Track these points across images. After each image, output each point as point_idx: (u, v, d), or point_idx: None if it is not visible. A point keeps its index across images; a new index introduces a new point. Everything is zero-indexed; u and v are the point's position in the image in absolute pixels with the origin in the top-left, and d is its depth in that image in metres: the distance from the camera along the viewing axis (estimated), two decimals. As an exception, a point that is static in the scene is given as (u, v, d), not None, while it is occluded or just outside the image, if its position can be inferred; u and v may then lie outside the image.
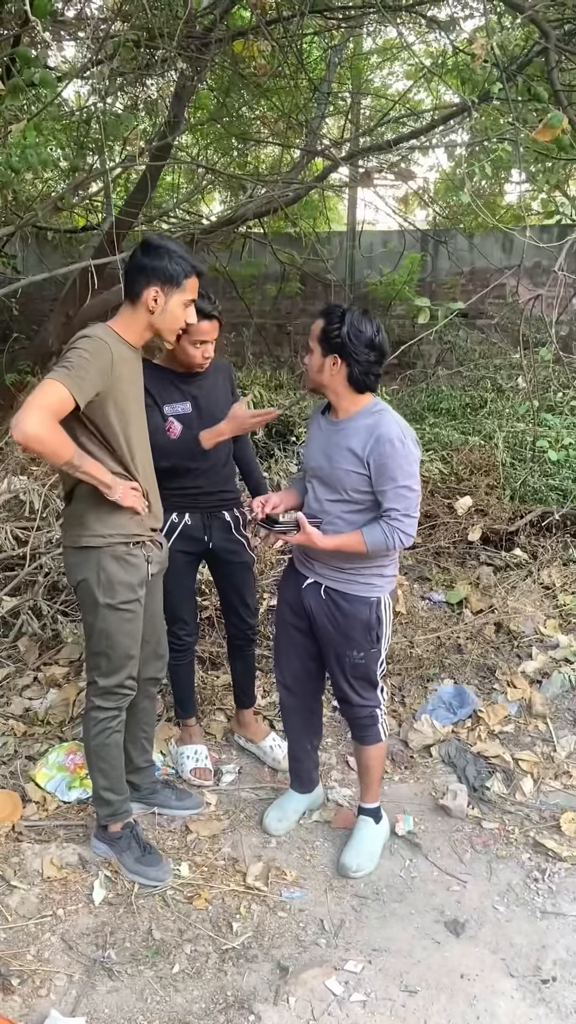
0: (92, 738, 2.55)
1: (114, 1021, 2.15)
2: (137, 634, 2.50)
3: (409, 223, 7.78)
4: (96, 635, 2.45)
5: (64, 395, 2.14)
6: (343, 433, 2.47)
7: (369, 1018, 2.20)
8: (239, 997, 2.24)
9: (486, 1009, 2.24)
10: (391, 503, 2.41)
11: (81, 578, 2.42)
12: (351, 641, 2.57)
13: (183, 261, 2.30)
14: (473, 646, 3.89)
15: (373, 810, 2.82)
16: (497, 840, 2.91)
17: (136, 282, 2.29)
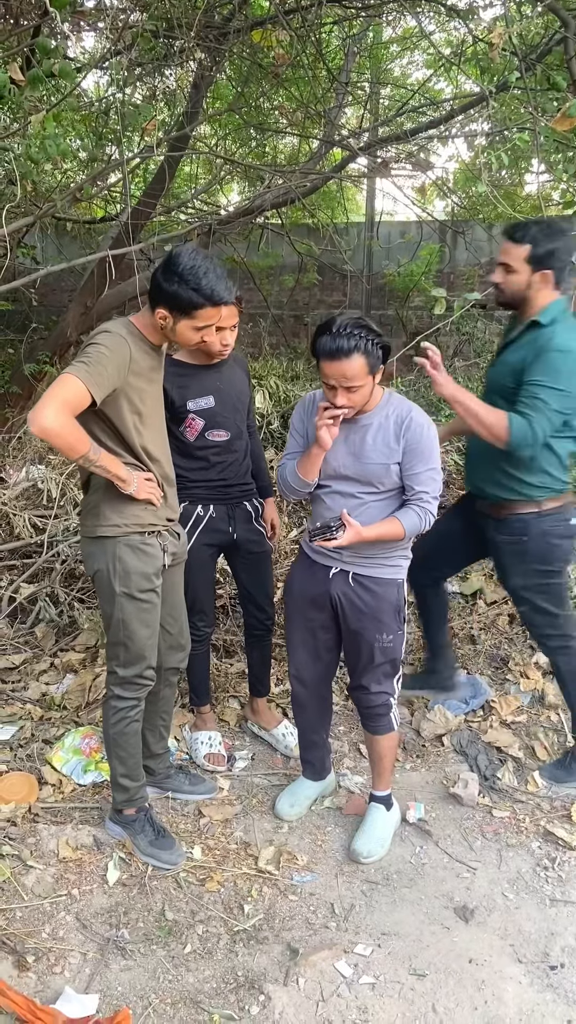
0: (111, 726, 2.58)
1: (126, 999, 2.19)
2: (155, 624, 2.52)
3: (427, 214, 7.75)
4: (114, 625, 2.48)
5: (81, 390, 2.16)
6: (369, 429, 2.48)
7: (377, 1000, 2.22)
8: (249, 977, 2.28)
9: (494, 994, 2.26)
10: (423, 486, 2.46)
11: (97, 568, 2.45)
12: (382, 624, 2.60)
13: (199, 292, 2.23)
14: (487, 637, 3.90)
15: (384, 797, 2.86)
16: (507, 828, 2.93)
17: (152, 296, 2.28)
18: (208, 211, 7.59)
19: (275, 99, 6.45)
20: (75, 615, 3.74)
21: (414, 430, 2.43)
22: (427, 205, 8.73)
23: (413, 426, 2.43)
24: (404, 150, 6.17)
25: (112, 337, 2.24)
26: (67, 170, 6.00)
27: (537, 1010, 2.22)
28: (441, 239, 8.62)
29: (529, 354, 2.68)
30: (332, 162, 7.15)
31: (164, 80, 6.08)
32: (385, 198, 8.69)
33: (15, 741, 3.08)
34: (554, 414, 2.61)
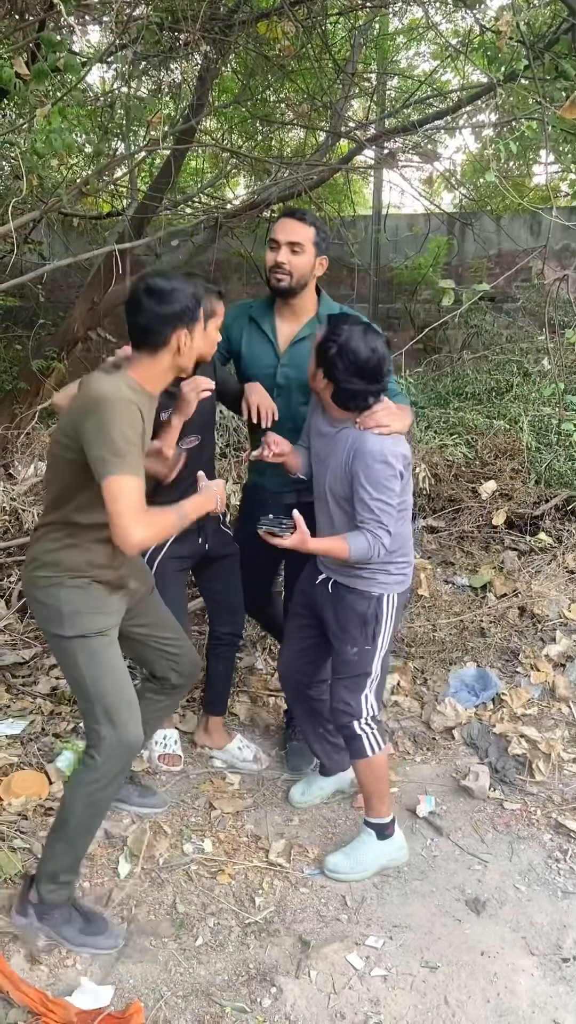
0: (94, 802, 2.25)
1: (138, 991, 2.19)
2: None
3: (435, 206, 7.72)
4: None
5: (135, 485, 2.03)
6: (336, 441, 2.46)
7: (390, 992, 2.22)
8: (261, 970, 2.28)
9: (506, 986, 2.25)
10: (367, 512, 2.39)
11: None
12: (346, 634, 2.56)
13: (196, 296, 2.18)
14: (497, 630, 3.89)
15: (375, 826, 2.66)
16: (519, 821, 2.92)
17: (159, 332, 2.13)
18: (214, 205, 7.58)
19: (282, 92, 6.43)
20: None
21: (360, 458, 2.37)
22: (435, 197, 8.70)
23: (360, 454, 2.37)
24: (411, 141, 6.15)
25: (123, 411, 2.04)
26: (73, 165, 6.00)
27: (550, 1002, 2.21)
28: (449, 231, 8.59)
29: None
30: (339, 155, 7.13)
31: (170, 73, 6.07)
32: (392, 191, 8.66)
33: (25, 735, 3.08)
34: None
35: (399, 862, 2.70)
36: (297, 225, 2.70)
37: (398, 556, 2.53)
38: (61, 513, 2.18)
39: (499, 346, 6.42)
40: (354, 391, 2.33)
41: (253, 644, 3.80)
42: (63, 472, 2.15)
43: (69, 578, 2.16)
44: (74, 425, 2.07)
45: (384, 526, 2.39)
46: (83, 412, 2.06)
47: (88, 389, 2.10)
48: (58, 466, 2.17)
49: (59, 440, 2.16)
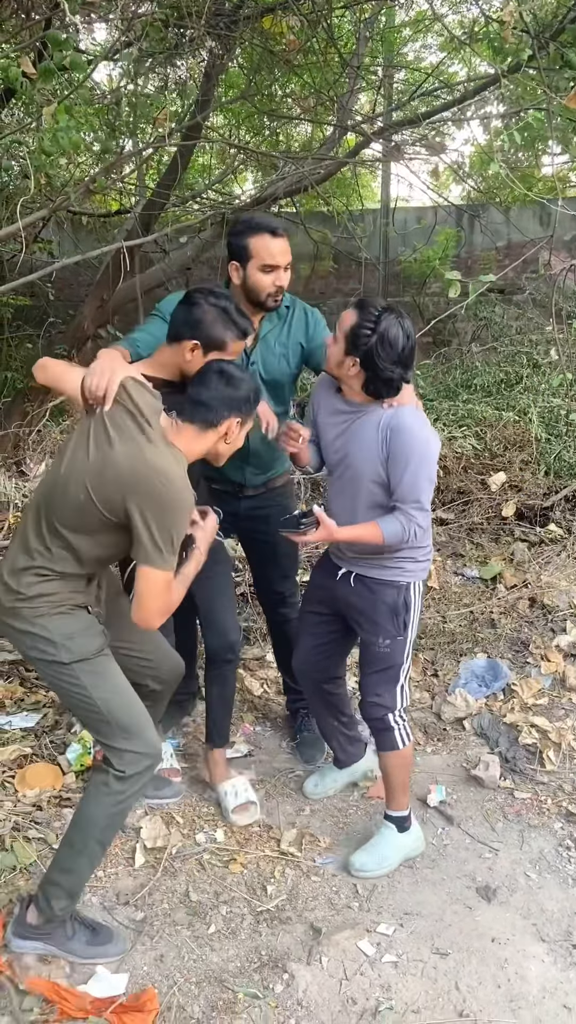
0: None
1: (151, 978, 2.22)
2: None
3: (443, 198, 7.71)
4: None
5: (170, 581, 2.09)
6: (361, 423, 2.43)
7: (401, 978, 2.24)
8: (273, 957, 2.30)
9: (517, 972, 2.27)
10: (404, 490, 2.37)
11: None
12: (377, 626, 2.54)
13: (256, 392, 2.24)
14: (507, 620, 3.89)
15: (396, 819, 2.67)
16: (529, 810, 2.93)
17: (217, 412, 2.14)
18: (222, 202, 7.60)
19: (288, 86, 6.43)
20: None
21: (399, 434, 2.34)
22: (443, 190, 8.68)
23: (398, 430, 2.34)
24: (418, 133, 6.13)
25: (184, 503, 2.06)
26: (81, 163, 6.02)
27: (560, 988, 2.23)
28: (457, 224, 8.57)
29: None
30: (346, 148, 7.13)
31: (176, 70, 6.09)
32: (400, 184, 8.66)
33: (39, 728, 3.12)
34: None
35: (418, 852, 2.72)
36: (285, 243, 2.65)
37: (422, 542, 2.51)
38: (55, 547, 2.11)
39: (508, 338, 6.40)
40: (391, 379, 2.32)
41: (263, 637, 3.82)
42: (81, 512, 2.07)
43: (53, 607, 2.12)
44: (120, 483, 2.01)
45: (421, 506, 2.37)
46: (137, 480, 2.00)
47: (145, 456, 2.02)
48: (73, 504, 2.07)
49: (86, 483, 2.05)
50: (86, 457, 2.06)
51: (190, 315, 2.33)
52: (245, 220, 2.69)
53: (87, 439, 2.09)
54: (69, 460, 2.11)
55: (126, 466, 2.01)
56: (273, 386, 2.81)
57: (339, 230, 8.31)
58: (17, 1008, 2.04)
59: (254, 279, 2.65)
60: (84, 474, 2.05)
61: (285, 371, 2.82)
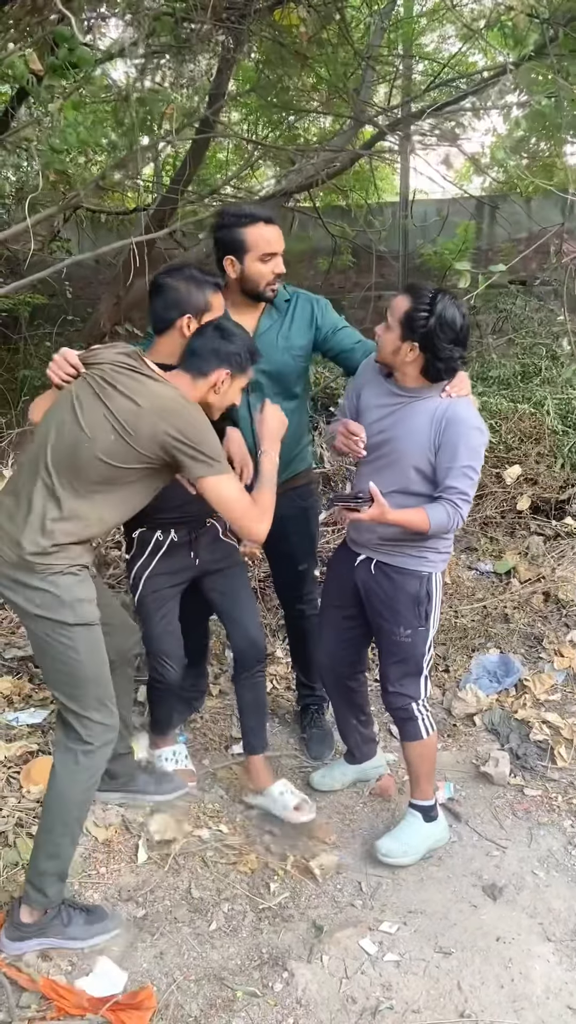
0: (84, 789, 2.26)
1: (151, 975, 2.21)
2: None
3: (461, 190, 7.64)
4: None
5: (234, 478, 2.27)
6: (413, 409, 2.41)
7: (402, 977, 2.21)
8: (273, 955, 2.29)
9: (521, 972, 2.23)
10: (455, 481, 2.36)
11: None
12: (398, 616, 2.52)
13: (251, 351, 2.33)
14: (520, 615, 3.84)
15: (422, 808, 2.65)
16: (539, 807, 2.89)
17: (207, 362, 2.25)
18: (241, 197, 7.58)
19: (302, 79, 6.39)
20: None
21: (453, 425, 2.35)
22: (464, 181, 8.61)
23: (453, 420, 2.35)
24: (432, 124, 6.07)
25: (204, 418, 2.20)
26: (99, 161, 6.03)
27: (565, 988, 2.19)
28: (477, 215, 8.48)
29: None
30: (363, 140, 7.08)
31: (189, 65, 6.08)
32: (420, 176, 8.55)
33: (46, 724, 3.12)
34: None
35: (443, 843, 2.70)
36: (279, 230, 2.64)
37: (447, 535, 2.52)
38: (83, 508, 2.16)
39: (527, 329, 6.31)
40: (451, 358, 2.32)
41: (273, 633, 3.80)
42: (110, 457, 2.12)
43: (68, 567, 2.15)
44: (136, 426, 2.10)
45: (467, 496, 2.37)
46: (158, 413, 2.11)
47: (153, 390, 2.14)
48: (104, 449, 2.12)
49: (110, 443, 2.11)
50: (100, 406, 2.13)
51: (167, 298, 2.34)
52: (233, 212, 2.66)
53: (92, 394, 2.15)
54: (85, 413, 2.14)
55: (144, 402, 2.11)
56: (276, 378, 2.78)
57: (358, 224, 8.26)
58: (13, 1005, 2.04)
59: (252, 270, 2.62)
60: (107, 417, 2.12)
61: (289, 363, 2.78)
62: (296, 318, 2.79)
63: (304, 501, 3.02)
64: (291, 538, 3.00)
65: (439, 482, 2.39)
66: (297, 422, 2.89)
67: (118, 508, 2.23)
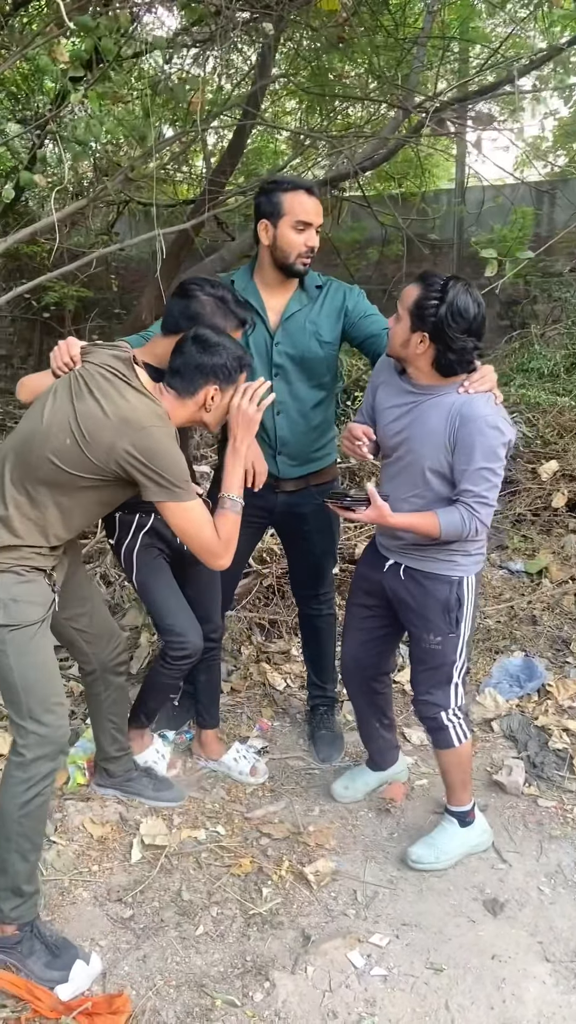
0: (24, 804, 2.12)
1: (132, 979, 2.17)
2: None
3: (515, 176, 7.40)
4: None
5: (198, 504, 2.15)
6: (427, 407, 2.30)
7: (388, 994, 2.14)
8: (257, 963, 2.23)
9: (513, 993, 2.13)
10: (471, 484, 2.23)
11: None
12: (428, 623, 2.42)
13: (238, 359, 2.21)
14: (549, 617, 3.70)
15: (458, 813, 2.60)
16: (552, 819, 2.77)
17: (192, 381, 2.16)
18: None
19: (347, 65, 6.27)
20: (124, 595, 3.77)
21: (468, 423, 2.21)
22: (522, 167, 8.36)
23: (468, 419, 2.21)
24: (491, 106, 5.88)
25: (172, 443, 2.09)
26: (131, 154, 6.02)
27: (559, 1013, 2.08)
28: (537, 201, 8.22)
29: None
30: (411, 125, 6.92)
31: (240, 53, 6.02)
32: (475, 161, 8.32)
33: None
34: None
35: (484, 846, 2.63)
36: (320, 205, 2.58)
37: (479, 536, 2.38)
38: (27, 507, 2.09)
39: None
40: (464, 349, 2.19)
41: (290, 630, 3.74)
42: (60, 461, 2.05)
43: (12, 566, 2.08)
44: (94, 434, 2.02)
45: (485, 500, 2.23)
46: (121, 426, 2.02)
47: (128, 401, 2.04)
48: (55, 449, 2.05)
49: (64, 446, 2.04)
50: (69, 405, 2.05)
51: (188, 307, 2.30)
52: (276, 179, 2.62)
53: (68, 392, 2.08)
54: (51, 410, 2.08)
55: (111, 411, 2.02)
56: (300, 363, 2.71)
57: (411, 212, 8.10)
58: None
59: (285, 238, 2.57)
60: (69, 419, 2.04)
61: (315, 349, 2.71)
62: (326, 304, 2.72)
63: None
64: (312, 536, 2.93)
65: (456, 484, 2.27)
66: (323, 416, 2.83)
67: (65, 516, 2.12)
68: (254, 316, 2.50)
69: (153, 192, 4.40)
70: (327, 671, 3.17)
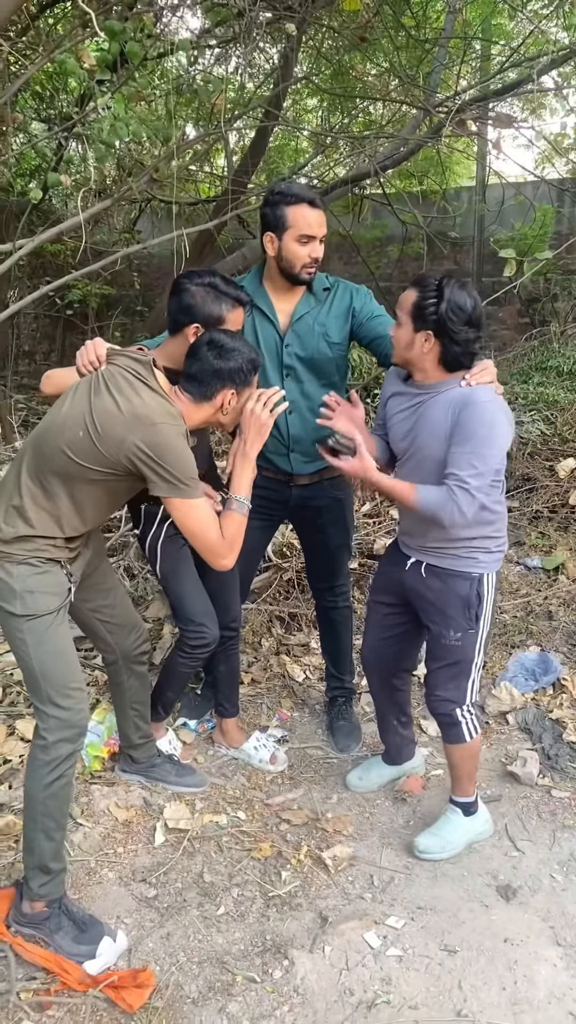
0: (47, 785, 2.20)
1: (156, 955, 2.26)
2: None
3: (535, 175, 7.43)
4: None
5: (203, 503, 2.20)
6: (431, 404, 2.36)
7: (403, 973, 2.21)
8: (277, 942, 2.31)
9: (525, 975, 2.20)
10: (456, 468, 2.26)
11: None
12: (448, 619, 2.47)
13: (252, 362, 2.28)
14: (565, 613, 3.75)
15: (463, 804, 2.66)
16: (566, 809, 2.83)
17: (210, 386, 2.23)
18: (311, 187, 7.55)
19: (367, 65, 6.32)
20: (147, 587, 3.85)
21: (469, 408, 2.27)
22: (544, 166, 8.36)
23: (470, 404, 2.27)
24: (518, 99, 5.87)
25: (181, 441, 2.13)
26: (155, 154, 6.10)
27: (569, 994, 2.14)
28: (559, 199, 8.23)
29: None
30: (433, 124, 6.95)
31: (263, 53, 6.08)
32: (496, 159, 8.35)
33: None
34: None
35: (486, 835, 2.70)
36: (322, 215, 2.63)
37: (496, 531, 2.44)
38: (41, 498, 2.15)
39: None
40: (468, 340, 2.27)
41: (310, 624, 3.81)
42: (73, 453, 2.11)
43: (27, 557, 2.14)
44: (106, 428, 2.08)
45: (466, 486, 2.24)
46: (133, 421, 2.07)
47: (143, 398, 2.10)
48: (69, 441, 2.11)
49: (77, 438, 2.10)
50: (87, 401, 2.13)
51: (181, 302, 2.36)
52: (279, 190, 2.67)
53: (87, 389, 2.16)
54: (70, 404, 2.16)
55: (125, 407, 2.08)
56: (310, 364, 2.79)
57: (432, 209, 8.13)
58: (14, 977, 2.12)
59: (290, 250, 2.64)
60: (84, 413, 2.11)
61: (324, 351, 2.78)
62: (334, 306, 2.79)
63: (339, 491, 3.01)
64: (327, 529, 3.01)
65: (447, 465, 2.30)
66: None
67: (77, 507, 2.18)
68: (246, 293, 2.52)
69: (174, 191, 4.46)
70: (345, 663, 3.24)
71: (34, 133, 6.91)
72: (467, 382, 2.32)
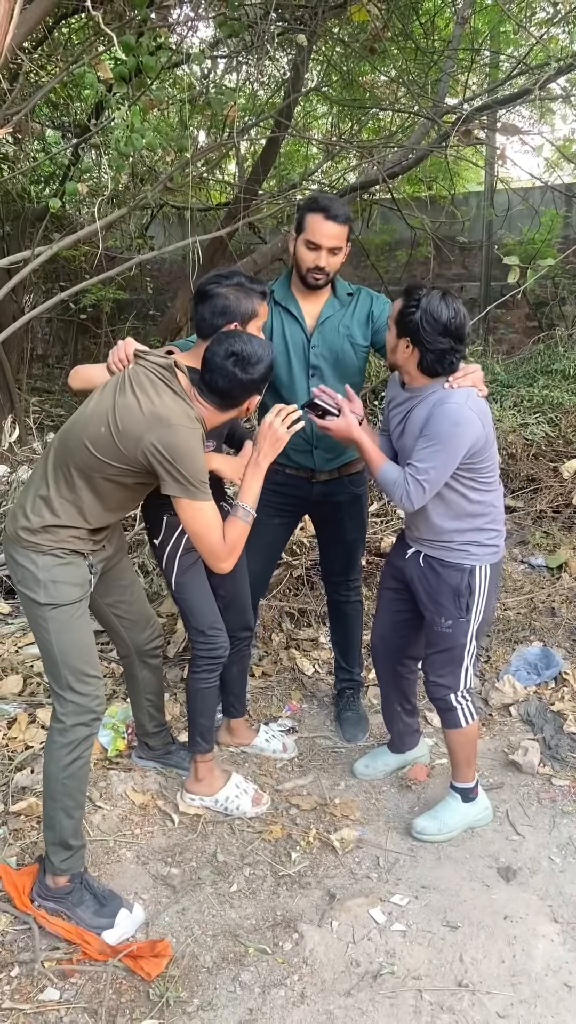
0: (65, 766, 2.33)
1: (172, 928, 2.38)
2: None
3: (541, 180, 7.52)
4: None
5: (210, 506, 2.27)
6: (419, 406, 2.50)
7: (407, 947, 2.32)
8: (287, 917, 2.42)
9: (523, 949, 2.31)
10: (416, 459, 2.42)
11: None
12: (440, 607, 2.61)
13: (270, 365, 2.35)
14: (568, 610, 3.85)
15: (462, 789, 2.77)
16: (565, 796, 2.93)
17: (238, 398, 2.33)
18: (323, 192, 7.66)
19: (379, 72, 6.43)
20: (161, 583, 3.97)
21: (438, 407, 2.41)
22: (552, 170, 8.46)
23: (439, 404, 2.41)
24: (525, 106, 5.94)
25: (196, 443, 2.22)
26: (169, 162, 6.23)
27: (565, 967, 2.25)
28: (566, 204, 8.32)
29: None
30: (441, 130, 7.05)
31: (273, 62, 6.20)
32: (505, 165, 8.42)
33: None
34: None
35: (485, 822, 2.80)
36: (337, 229, 2.72)
37: (488, 524, 2.56)
38: (65, 490, 2.26)
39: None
40: (443, 350, 2.37)
41: (319, 619, 3.93)
42: (95, 447, 2.20)
43: (51, 546, 2.24)
44: (126, 425, 2.17)
45: (417, 474, 2.41)
46: (151, 421, 2.16)
47: (164, 400, 2.20)
48: (92, 436, 2.21)
49: (99, 434, 2.19)
50: (111, 398, 2.23)
51: (215, 306, 2.44)
52: (313, 197, 2.83)
53: (113, 387, 2.26)
54: (96, 401, 2.27)
55: (146, 407, 2.17)
56: (335, 363, 2.93)
57: (440, 214, 8.24)
58: (39, 948, 2.24)
59: (299, 252, 2.80)
60: (108, 410, 2.21)
61: (348, 350, 2.93)
62: (357, 310, 2.94)
63: (357, 488, 3.13)
64: (344, 523, 3.13)
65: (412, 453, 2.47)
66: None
67: (98, 499, 2.27)
68: (266, 285, 2.62)
69: (189, 198, 4.58)
70: (354, 655, 3.35)
71: (50, 142, 7.07)
72: (450, 384, 2.46)
